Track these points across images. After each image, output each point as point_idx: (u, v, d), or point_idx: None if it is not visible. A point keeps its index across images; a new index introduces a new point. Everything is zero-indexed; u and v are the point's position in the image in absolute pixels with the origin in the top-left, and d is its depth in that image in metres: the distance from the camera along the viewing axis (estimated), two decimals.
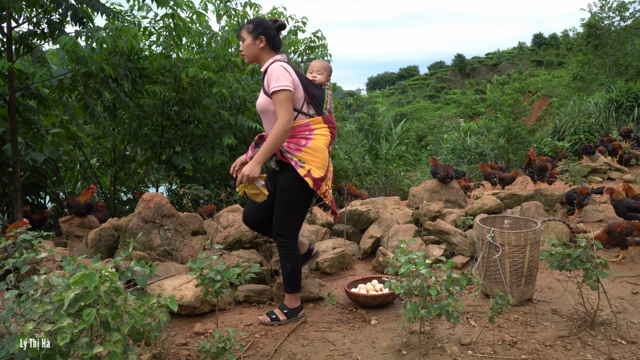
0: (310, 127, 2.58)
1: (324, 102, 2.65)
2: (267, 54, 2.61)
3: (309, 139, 2.56)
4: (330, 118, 2.67)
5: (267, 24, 2.60)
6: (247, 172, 2.44)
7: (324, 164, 2.57)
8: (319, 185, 2.55)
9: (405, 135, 19.74)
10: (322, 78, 2.72)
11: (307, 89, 2.58)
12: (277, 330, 2.69)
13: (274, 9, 7.84)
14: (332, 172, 2.77)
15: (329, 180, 2.65)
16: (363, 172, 8.97)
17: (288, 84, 2.44)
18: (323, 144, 2.58)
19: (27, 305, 1.78)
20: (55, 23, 4.62)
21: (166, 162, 6.44)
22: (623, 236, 3.51)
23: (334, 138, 2.70)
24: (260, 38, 2.56)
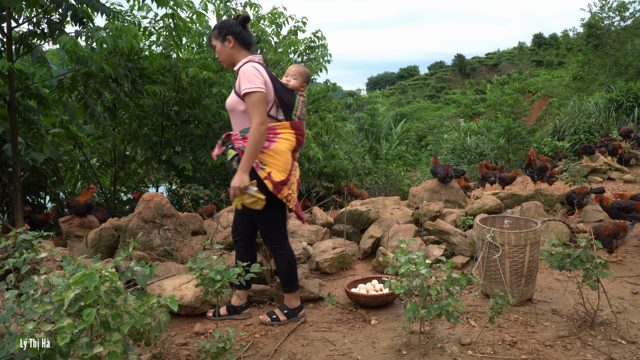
0: (276, 130, 2.55)
1: (294, 107, 2.60)
2: (240, 52, 2.59)
3: (272, 141, 2.52)
4: (299, 125, 2.63)
5: (229, 22, 2.58)
6: (237, 184, 2.43)
7: (285, 167, 2.53)
8: (279, 189, 2.51)
9: (405, 135, 19.75)
10: (295, 83, 2.67)
11: (277, 93, 2.54)
12: (277, 330, 2.69)
13: (274, 9, 7.84)
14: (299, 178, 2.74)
15: (293, 185, 2.61)
16: (363, 172, 8.97)
17: (261, 85, 2.41)
18: (286, 148, 2.54)
19: (27, 305, 1.78)
20: (55, 23, 4.62)
21: (166, 162, 6.44)
22: (610, 238, 3.51)
23: (300, 145, 2.66)
24: (228, 38, 2.56)
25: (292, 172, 2.60)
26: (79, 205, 4.13)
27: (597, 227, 3.53)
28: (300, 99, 2.65)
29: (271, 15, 7.84)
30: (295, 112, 2.62)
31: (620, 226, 3.54)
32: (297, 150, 2.69)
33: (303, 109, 2.67)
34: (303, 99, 2.67)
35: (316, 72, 7.54)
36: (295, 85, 2.68)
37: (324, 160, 6.71)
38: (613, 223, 3.57)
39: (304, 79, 2.70)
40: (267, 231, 2.69)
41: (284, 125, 2.56)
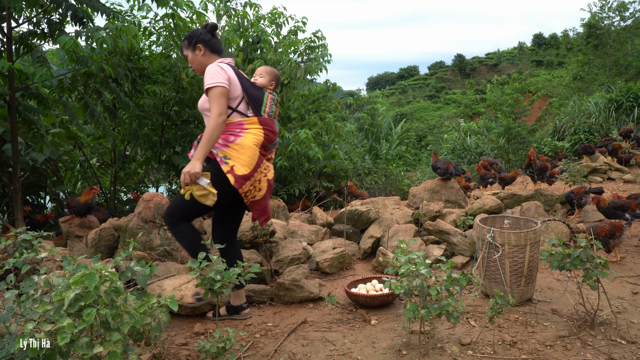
0: (244, 125, 2.57)
1: (262, 104, 2.66)
2: (210, 59, 2.67)
3: (238, 135, 2.55)
4: (268, 121, 2.66)
5: (198, 31, 2.67)
6: (188, 169, 2.43)
7: (250, 162, 2.53)
8: (241, 183, 2.51)
9: (405, 135, 19.74)
10: (263, 81, 2.75)
11: (245, 90, 2.60)
12: (277, 331, 2.69)
13: (274, 9, 7.84)
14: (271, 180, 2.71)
15: (258, 183, 2.60)
16: (363, 172, 8.97)
17: (222, 80, 2.48)
18: (252, 143, 2.55)
19: (27, 305, 1.78)
20: (55, 23, 4.62)
21: (166, 162, 6.44)
22: (607, 239, 3.52)
23: (270, 141, 2.66)
24: (198, 47, 2.65)
25: (258, 169, 2.58)
26: (79, 205, 4.13)
27: (595, 228, 3.53)
28: (268, 96, 2.71)
29: (271, 15, 7.84)
30: (264, 109, 2.68)
31: (616, 226, 3.55)
32: (270, 149, 2.71)
33: (273, 106, 2.73)
34: (272, 97, 2.73)
35: (316, 72, 7.54)
36: (262, 82, 2.75)
37: (324, 160, 6.70)
38: (609, 223, 3.58)
39: (271, 78, 2.78)
40: (174, 210, 2.61)
41: (251, 121, 2.59)
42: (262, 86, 2.75)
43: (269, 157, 2.74)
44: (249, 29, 7.39)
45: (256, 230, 3.62)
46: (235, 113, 2.59)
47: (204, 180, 2.47)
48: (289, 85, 7.19)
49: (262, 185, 2.63)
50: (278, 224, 4.14)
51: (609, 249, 3.55)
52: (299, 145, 5.95)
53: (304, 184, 6.77)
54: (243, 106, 2.61)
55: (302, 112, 7.52)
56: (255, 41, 7.34)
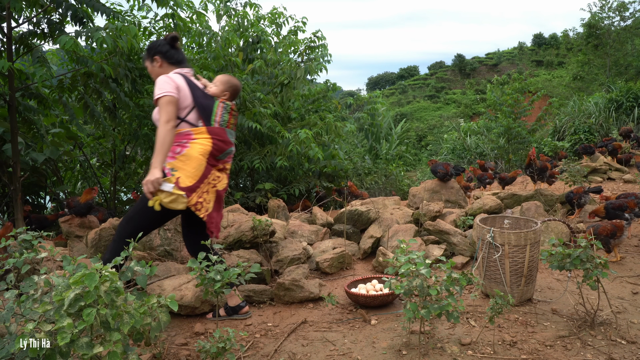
0: (191, 136, 2.56)
1: (212, 113, 2.62)
2: (167, 70, 2.68)
3: (184, 146, 2.53)
4: (218, 131, 2.62)
5: (157, 43, 2.70)
6: (148, 178, 2.43)
7: (195, 173, 2.50)
8: (187, 195, 2.48)
9: (405, 135, 19.74)
10: (215, 90, 2.72)
11: (195, 99, 2.58)
12: (277, 331, 2.69)
13: (274, 9, 7.84)
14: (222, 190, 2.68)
15: (205, 194, 2.56)
16: (363, 172, 8.97)
17: (169, 89, 2.49)
18: (198, 153, 2.52)
19: (27, 305, 1.77)
20: (55, 23, 4.62)
21: None
22: (607, 239, 3.52)
23: (220, 151, 2.62)
24: (155, 58, 2.69)
25: (205, 180, 2.55)
26: (79, 205, 4.13)
27: (596, 227, 3.54)
28: (219, 104, 2.66)
29: (271, 15, 7.84)
30: (215, 118, 2.63)
31: (617, 226, 3.56)
32: (221, 159, 2.65)
33: (225, 115, 2.67)
34: (224, 106, 2.67)
35: (316, 72, 7.54)
36: (214, 92, 2.72)
37: (324, 160, 6.70)
38: (611, 223, 3.58)
39: (225, 88, 2.74)
40: (128, 221, 2.61)
41: (199, 131, 2.57)
42: (214, 95, 2.71)
43: (221, 167, 2.68)
44: (249, 29, 7.39)
45: (256, 230, 3.62)
46: (183, 123, 2.58)
47: (168, 186, 2.45)
48: (289, 85, 7.19)
49: (210, 196, 2.59)
50: (278, 224, 4.14)
51: (609, 248, 3.55)
52: (299, 145, 5.95)
53: (304, 184, 6.77)
54: (192, 116, 2.59)
55: (302, 112, 7.52)
56: (255, 41, 7.34)
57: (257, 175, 7.04)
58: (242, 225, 3.68)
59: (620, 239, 3.60)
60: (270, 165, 6.40)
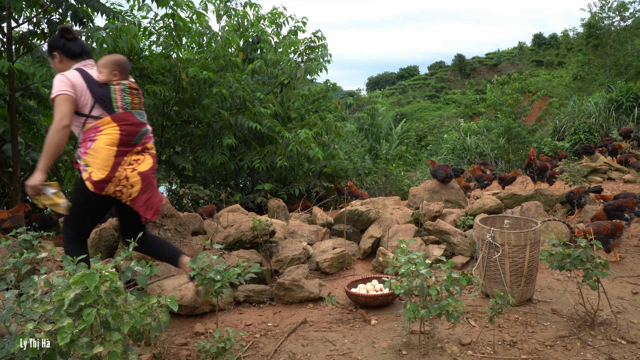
0: (99, 128, 2.53)
1: (111, 100, 2.56)
2: (69, 64, 2.64)
3: (92, 140, 2.51)
4: (124, 115, 2.56)
5: (53, 39, 2.65)
6: (29, 182, 2.44)
7: (105, 164, 2.48)
8: (101, 188, 2.47)
9: (405, 135, 19.73)
10: (102, 77, 2.61)
11: (93, 93, 2.53)
12: (277, 331, 2.69)
13: (274, 9, 7.85)
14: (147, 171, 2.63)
15: (125, 180, 2.53)
16: (363, 172, 8.97)
17: (63, 88, 2.45)
18: (104, 144, 2.49)
19: (27, 305, 1.78)
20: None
21: (166, 162, 6.44)
22: (607, 238, 3.53)
23: (131, 134, 2.57)
24: (54, 54, 2.64)
25: (118, 168, 2.52)
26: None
27: (597, 226, 3.54)
28: (116, 88, 2.59)
29: (271, 15, 7.85)
30: (116, 104, 2.57)
31: (617, 226, 3.56)
32: (137, 142, 2.61)
33: (126, 97, 2.61)
34: (121, 87, 2.61)
35: (316, 72, 7.54)
36: (102, 79, 2.61)
37: (324, 160, 6.71)
38: (611, 223, 3.58)
39: (110, 69, 2.62)
40: (66, 224, 2.61)
41: (105, 121, 2.53)
42: (105, 82, 2.61)
43: (140, 149, 2.63)
44: (249, 29, 7.39)
45: (256, 230, 3.62)
46: (90, 119, 2.54)
47: (50, 190, 2.46)
48: (289, 85, 7.19)
49: (132, 181, 2.56)
50: (278, 224, 4.14)
51: (608, 248, 3.56)
52: (299, 145, 5.95)
53: (304, 184, 6.77)
54: (97, 110, 2.55)
55: (302, 112, 7.52)
56: (255, 41, 7.34)
57: (257, 175, 7.05)
58: (242, 225, 3.68)
59: (620, 238, 3.60)
60: (270, 165, 6.40)
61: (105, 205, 2.66)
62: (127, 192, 2.54)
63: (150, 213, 2.63)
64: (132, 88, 2.65)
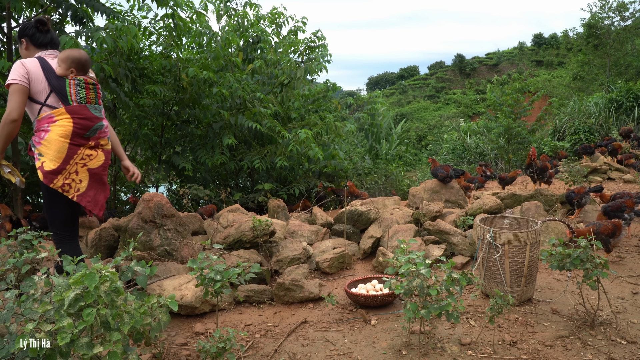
0: (53, 118, 2.59)
1: (66, 93, 2.63)
2: (33, 52, 2.73)
3: (46, 131, 2.57)
4: (77, 109, 2.62)
5: (24, 26, 2.75)
6: None
7: (58, 155, 2.54)
8: (50, 179, 2.53)
9: (405, 135, 19.73)
10: (60, 71, 2.67)
11: (50, 82, 2.60)
12: (277, 331, 2.69)
13: (274, 9, 7.85)
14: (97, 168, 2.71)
15: (74, 174, 2.60)
16: (363, 172, 8.97)
17: (17, 77, 2.51)
18: (58, 135, 2.55)
19: (27, 305, 1.77)
20: (55, 23, 4.62)
21: (166, 162, 6.44)
22: (608, 238, 3.53)
23: (84, 128, 2.63)
24: (22, 41, 2.75)
25: (71, 161, 2.58)
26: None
27: (598, 226, 3.54)
28: (71, 82, 2.65)
29: (271, 15, 7.84)
30: (70, 97, 2.64)
31: (617, 225, 3.57)
32: (89, 136, 2.65)
33: (81, 91, 2.67)
34: (75, 82, 2.66)
35: (316, 72, 7.54)
36: (60, 72, 2.67)
37: (324, 160, 6.71)
38: (612, 222, 3.59)
39: (67, 65, 2.68)
40: (50, 224, 2.71)
41: (59, 112, 2.60)
42: (62, 75, 2.67)
43: (93, 144, 2.68)
44: (249, 29, 7.39)
45: (256, 230, 3.62)
46: (45, 107, 2.60)
47: (5, 169, 2.70)
48: (289, 85, 7.19)
49: (81, 176, 2.62)
50: (278, 224, 4.14)
51: (609, 248, 3.56)
52: (299, 145, 5.95)
53: (304, 184, 6.77)
54: (52, 99, 2.61)
55: (302, 112, 7.52)
56: (255, 41, 7.34)
57: (257, 175, 7.05)
58: (242, 225, 3.68)
59: (619, 238, 3.61)
60: (270, 165, 6.40)
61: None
62: (75, 187, 2.61)
63: (97, 209, 2.72)
64: (87, 83, 2.70)
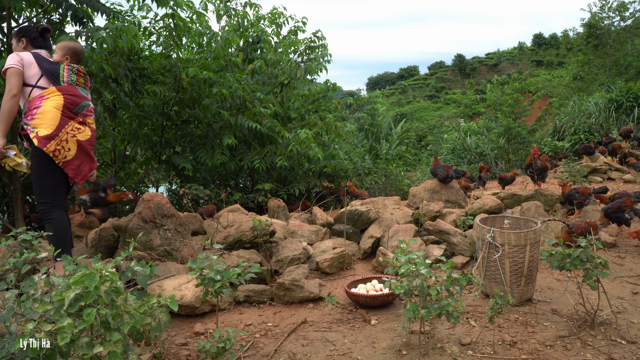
0: (44, 97, 2.92)
1: (59, 76, 3.00)
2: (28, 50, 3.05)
3: (39, 107, 2.90)
4: (68, 88, 3.00)
5: (27, 28, 3.10)
6: None
7: (52, 123, 2.87)
8: (44, 143, 2.82)
9: (405, 135, 19.73)
10: (56, 57, 3.10)
11: (41, 67, 2.94)
12: (277, 331, 2.69)
13: (274, 9, 7.84)
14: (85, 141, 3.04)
15: (64, 143, 2.91)
16: (363, 172, 8.96)
17: (13, 62, 2.87)
18: (51, 107, 2.89)
19: (27, 305, 1.77)
20: (55, 23, 4.62)
21: (166, 162, 6.44)
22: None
23: (74, 104, 2.99)
24: (22, 40, 3.08)
25: (62, 130, 2.91)
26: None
27: (571, 226, 3.54)
28: (65, 67, 3.04)
29: (271, 15, 7.84)
30: (62, 79, 3.01)
31: (592, 225, 3.58)
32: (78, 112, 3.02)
33: (72, 75, 3.06)
34: (69, 67, 3.06)
35: (316, 72, 7.54)
36: (56, 58, 3.09)
37: (324, 160, 6.70)
38: (585, 222, 3.60)
39: (64, 52, 3.10)
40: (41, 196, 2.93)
41: (50, 91, 2.94)
42: (57, 61, 3.07)
43: (81, 120, 3.04)
44: (249, 29, 7.39)
45: (256, 230, 3.62)
46: (36, 89, 2.94)
47: (11, 152, 2.89)
48: (289, 85, 7.19)
49: (70, 145, 2.94)
50: (278, 224, 4.14)
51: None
52: (299, 145, 5.95)
53: (304, 184, 6.77)
54: (43, 81, 2.96)
55: (302, 112, 7.52)
56: (255, 41, 7.34)
57: (257, 175, 7.04)
58: (242, 225, 3.68)
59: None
60: (270, 165, 6.40)
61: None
62: (63, 154, 2.91)
63: (79, 177, 3.03)
64: (79, 70, 3.11)
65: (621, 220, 4.07)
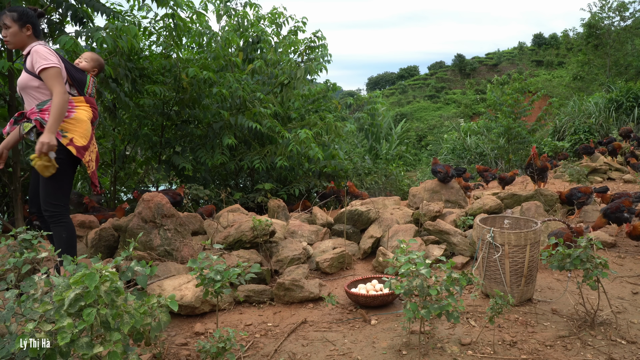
0: (73, 103, 2.87)
1: (85, 85, 2.97)
2: (31, 40, 2.88)
3: (72, 111, 2.84)
4: (92, 100, 3.01)
5: (31, 13, 2.89)
6: (47, 140, 2.60)
7: (86, 134, 2.87)
8: (82, 154, 2.84)
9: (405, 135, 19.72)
10: (86, 65, 3.07)
11: (69, 72, 2.87)
12: (277, 331, 2.69)
13: (274, 9, 7.84)
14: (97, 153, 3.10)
15: (92, 153, 2.97)
16: (363, 172, 8.96)
17: (56, 61, 2.74)
18: (85, 117, 2.89)
19: (27, 305, 1.77)
20: (55, 23, 4.62)
21: (166, 162, 6.44)
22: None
23: (96, 118, 3.02)
24: (27, 27, 2.84)
25: (91, 141, 2.94)
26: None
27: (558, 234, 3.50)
28: (90, 79, 3.03)
29: (271, 15, 7.84)
30: (87, 90, 2.99)
31: (578, 231, 3.58)
32: (94, 125, 3.05)
33: (93, 88, 3.05)
34: (94, 80, 3.06)
35: (316, 72, 7.54)
36: (85, 66, 3.06)
37: (324, 160, 6.70)
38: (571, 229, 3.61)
39: (94, 64, 3.11)
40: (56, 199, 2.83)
41: (79, 100, 2.91)
42: (85, 70, 3.04)
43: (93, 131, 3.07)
44: (249, 29, 7.39)
45: (256, 230, 3.62)
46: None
47: (52, 154, 2.70)
48: (289, 85, 7.19)
49: (93, 157, 3.00)
50: (278, 224, 4.14)
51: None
52: (299, 145, 5.95)
53: (304, 184, 6.77)
54: (67, 87, 2.88)
55: (302, 112, 7.52)
56: (255, 41, 7.34)
57: (257, 175, 7.04)
58: (242, 225, 3.68)
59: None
60: (270, 165, 6.40)
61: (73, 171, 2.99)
62: (92, 165, 2.97)
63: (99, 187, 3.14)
64: (96, 85, 3.13)
65: (620, 220, 4.08)
